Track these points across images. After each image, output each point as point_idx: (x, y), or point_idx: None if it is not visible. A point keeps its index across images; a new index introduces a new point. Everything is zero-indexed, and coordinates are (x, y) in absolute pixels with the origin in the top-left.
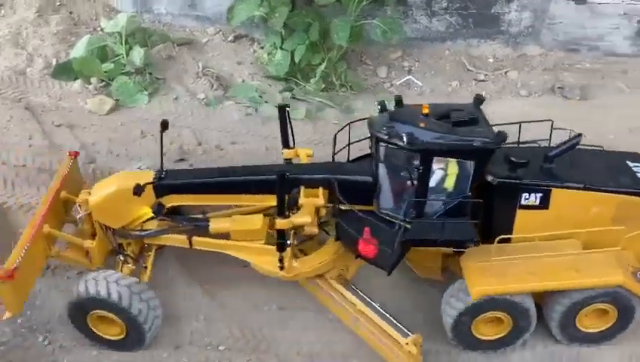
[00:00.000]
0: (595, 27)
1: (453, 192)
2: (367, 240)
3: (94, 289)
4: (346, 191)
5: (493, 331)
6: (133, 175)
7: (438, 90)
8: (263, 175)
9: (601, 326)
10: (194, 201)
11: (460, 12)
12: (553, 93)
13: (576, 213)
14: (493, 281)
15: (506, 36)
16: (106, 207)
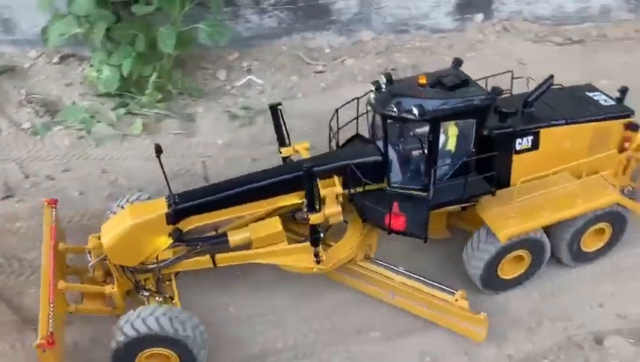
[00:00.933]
0: (418, 7)
1: (457, 153)
2: (397, 214)
3: (133, 330)
4: (354, 174)
5: (515, 269)
6: (144, 206)
7: (279, 86)
8: (284, 175)
9: (599, 244)
10: (213, 219)
11: (288, 7)
12: None
13: (561, 148)
14: (514, 223)
15: (339, 25)
16: (123, 246)
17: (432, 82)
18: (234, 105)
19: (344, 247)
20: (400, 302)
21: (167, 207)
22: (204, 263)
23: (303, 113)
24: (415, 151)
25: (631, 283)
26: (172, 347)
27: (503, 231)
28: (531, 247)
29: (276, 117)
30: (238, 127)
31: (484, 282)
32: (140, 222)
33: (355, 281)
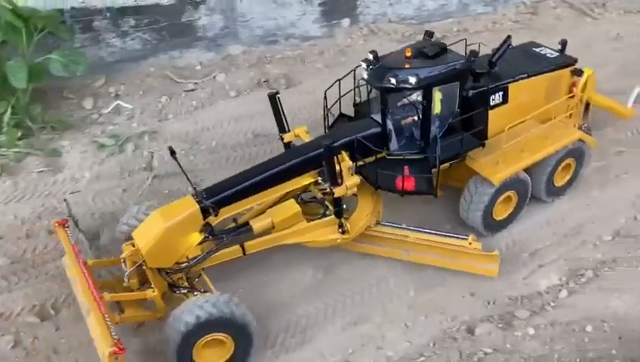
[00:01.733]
0: (284, 17)
1: (444, 115)
2: (407, 176)
3: (194, 318)
4: (360, 147)
5: (505, 210)
6: (172, 208)
7: (148, 109)
8: (304, 155)
9: (565, 178)
10: (241, 207)
11: (151, 27)
12: (260, 87)
13: (525, 100)
14: (503, 167)
15: (206, 41)
16: (159, 249)
17: (415, 53)
18: (102, 134)
19: (361, 216)
20: (414, 257)
21: (196, 204)
22: (234, 253)
23: (174, 135)
24: (407, 120)
25: (502, 267)
26: (228, 329)
27: (495, 176)
28: (517, 188)
29: (275, 106)
30: (107, 157)
31: (485, 225)
32: (172, 223)
33: (369, 247)
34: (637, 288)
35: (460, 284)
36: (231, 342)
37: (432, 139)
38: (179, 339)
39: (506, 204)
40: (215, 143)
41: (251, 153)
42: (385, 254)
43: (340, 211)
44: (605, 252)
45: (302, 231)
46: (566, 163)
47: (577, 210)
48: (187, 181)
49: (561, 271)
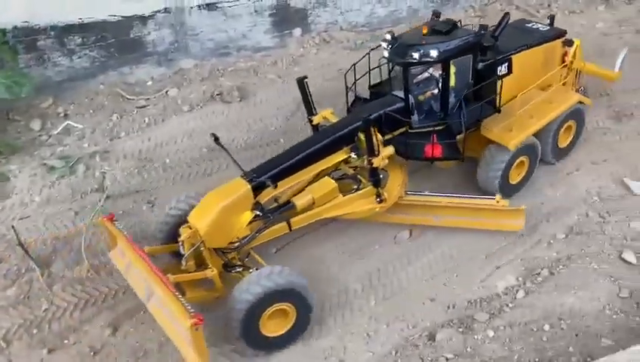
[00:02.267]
0: (235, 28)
1: (459, 87)
2: (435, 144)
3: (260, 289)
4: (388, 121)
5: (519, 174)
6: (224, 189)
7: (99, 128)
8: (340, 132)
9: (568, 140)
10: (286, 185)
11: (99, 44)
12: (214, 100)
13: (525, 70)
14: (516, 133)
15: (156, 56)
16: (216, 229)
17: (429, 31)
18: (51, 156)
19: (394, 186)
20: (444, 221)
21: (247, 184)
22: (281, 230)
23: (127, 153)
24: (425, 94)
25: (459, 270)
26: (291, 299)
27: (511, 142)
28: (529, 152)
29: (303, 90)
30: (57, 180)
31: (501, 190)
32: (228, 202)
33: (398, 217)
34: (591, 284)
35: (419, 291)
36: (293, 312)
37: (451, 109)
38: (247, 311)
39: (520, 168)
40: (169, 160)
41: (206, 168)
42: (416, 222)
43: (378, 181)
44: (560, 250)
45: (340, 204)
46: (567, 125)
47: (531, 209)
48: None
49: (517, 271)
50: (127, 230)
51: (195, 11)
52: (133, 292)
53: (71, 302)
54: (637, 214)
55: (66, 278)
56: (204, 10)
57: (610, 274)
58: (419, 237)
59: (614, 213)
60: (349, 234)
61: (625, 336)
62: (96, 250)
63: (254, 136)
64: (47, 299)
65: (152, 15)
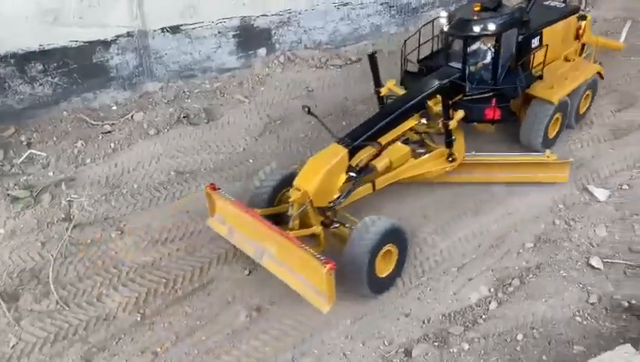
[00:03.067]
0: (200, 50)
1: (504, 57)
2: (494, 108)
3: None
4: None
5: (555, 129)
6: (324, 154)
7: (64, 155)
8: (413, 99)
9: (585, 107)
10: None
11: (60, 70)
12: (181, 123)
13: (552, 42)
14: (557, 90)
15: (120, 80)
16: (322, 190)
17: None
18: (15, 186)
19: (460, 148)
20: (499, 178)
21: (344, 149)
22: (367, 190)
23: (93, 180)
24: (476, 65)
25: (432, 284)
26: (396, 241)
27: (554, 97)
28: (563, 109)
29: (373, 64)
30: (22, 211)
31: (543, 143)
32: (331, 165)
33: (463, 176)
34: (561, 291)
35: (394, 307)
36: (396, 252)
37: (502, 76)
38: (370, 255)
39: (555, 124)
40: (137, 185)
41: (175, 192)
42: (478, 180)
43: (451, 142)
44: (529, 259)
45: (415, 166)
46: (587, 93)
47: (500, 220)
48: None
49: (489, 282)
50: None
51: (159, 34)
52: (105, 323)
53: (40, 336)
54: (601, 220)
55: (34, 312)
56: (168, 33)
57: (579, 281)
58: None
59: (580, 220)
60: None
61: (595, 342)
62: (65, 282)
63: (223, 158)
64: (15, 335)
65: (115, 39)
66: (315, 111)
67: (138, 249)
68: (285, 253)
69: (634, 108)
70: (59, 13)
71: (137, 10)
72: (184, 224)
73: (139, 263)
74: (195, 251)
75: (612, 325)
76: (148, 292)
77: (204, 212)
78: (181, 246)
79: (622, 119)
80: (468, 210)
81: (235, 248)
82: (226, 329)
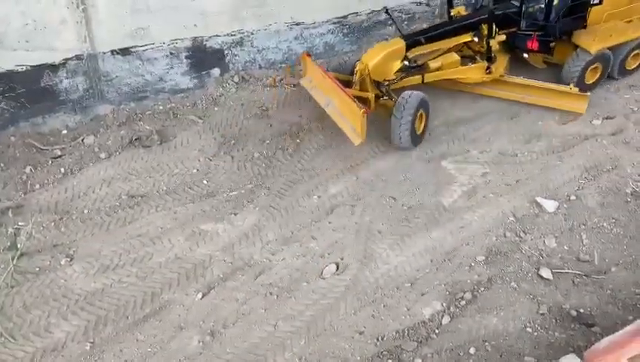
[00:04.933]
0: (152, 71)
1: (560, 5)
2: (535, 40)
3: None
4: (504, 19)
5: (593, 77)
6: (388, 43)
7: (12, 181)
8: (469, 20)
9: (635, 64)
10: (426, 49)
11: (7, 95)
12: (133, 146)
13: (614, 4)
14: (597, 41)
15: (70, 104)
16: (379, 66)
17: None
18: None
19: (499, 66)
20: (529, 99)
21: (403, 42)
22: (416, 80)
23: (42, 206)
24: (534, 7)
25: (386, 300)
26: (424, 107)
27: (593, 47)
28: (603, 60)
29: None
30: None
31: (577, 84)
32: (391, 49)
33: (499, 92)
34: (511, 303)
35: (348, 325)
36: (424, 116)
37: (552, 20)
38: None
39: (594, 72)
40: (87, 211)
41: (127, 216)
42: (509, 97)
43: (491, 57)
44: (481, 272)
45: (459, 70)
46: (636, 52)
47: (451, 234)
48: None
49: (442, 296)
50: None
51: (109, 57)
52: (53, 354)
53: None
54: (550, 231)
55: None
56: (118, 55)
57: (530, 292)
58: (344, 271)
59: (530, 232)
60: (274, 271)
61: (545, 352)
62: (10, 313)
63: (176, 180)
64: None
65: (63, 63)
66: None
67: (88, 276)
68: (341, 103)
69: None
70: (4, 37)
71: (86, 32)
72: (135, 249)
73: (89, 290)
74: (147, 276)
75: (561, 335)
76: (98, 321)
77: (157, 235)
78: (132, 271)
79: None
80: (421, 224)
81: (187, 272)
82: (179, 355)
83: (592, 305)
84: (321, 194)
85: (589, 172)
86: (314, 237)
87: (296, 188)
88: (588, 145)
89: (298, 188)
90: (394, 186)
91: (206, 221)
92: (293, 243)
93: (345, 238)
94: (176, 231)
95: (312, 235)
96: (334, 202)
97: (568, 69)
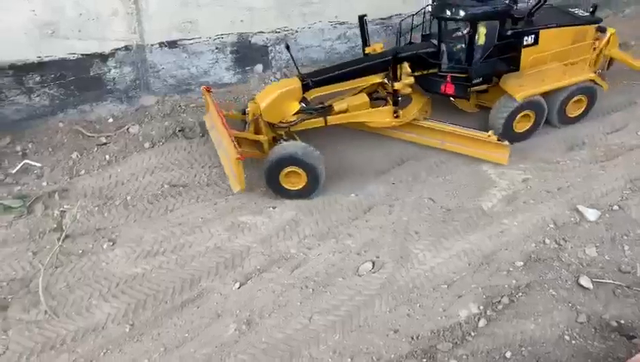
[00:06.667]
0: (197, 65)
1: (485, 45)
2: (449, 83)
3: (283, 152)
4: (418, 61)
5: (524, 126)
6: (284, 82)
7: (59, 166)
8: (378, 59)
9: (578, 112)
10: (327, 91)
11: (58, 82)
12: (176, 136)
13: (553, 44)
14: (526, 88)
15: (117, 93)
16: (271, 108)
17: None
18: (8, 195)
19: (411, 110)
20: (448, 146)
21: (299, 82)
22: (319, 123)
23: (87, 191)
24: (458, 47)
25: (422, 300)
26: (302, 165)
27: (519, 94)
28: (535, 108)
29: (362, 25)
30: (14, 220)
31: (504, 132)
32: (284, 90)
33: (414, 137)
34: (549, 310)
35: (383, 322)
36: (304, 175)
37: (475, 62)
38: (272, 165)
39: (526, 120)
40: (130, 197)
41: (168, 205)
42: (425, 143)
43: (397, 101)
44: (519, 278)
45: (366, 113)
46: (578, 98)
47: (490, 239)
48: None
49: (478, 299)
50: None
51: (157, 49)
52: (94, 334)
53: (28, 346)
54: (591, 240)
55: (22, 321)
56: (166, 47)
57: (568, 300)
58: (380, 269)
59: (570, 240)
60: (310, 265)
61: (583, 361)
62: (54, 292)
63: (216, 172)
64: (3, 344)
65: (113, 53)
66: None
67: (129, 260)
68: (228, 144)
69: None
70: (58, 26)
71: (136, 24)
72: (175, 237)
73: (129, 274)
74: (186, 264)
75: (601, 345)
76: (137, 304)
77: (197, 225)
78: (172, 258)
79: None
80: (460, 227)
81: (226, 261)
82: (215, 342)
83: (634, 317)
84: (358, 192)
85: (633, 183)
86: (350, 235)
87: (333, 184)
88: (633, 155)
89: (336, 184)
90: (432, 188)
91: (245, 213)
92: (330, 239)
93: (381, 237)
94: (216, 222)
95: (349, 232)
96: (372, 201)
97: (494, 115)
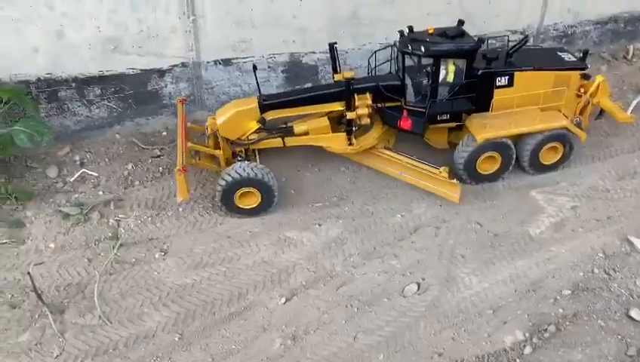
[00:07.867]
0: (249, 83)
1: (453, 83)
2: (406, 118)
3: (236, 174)
4: (380, 92)
5: (490, 167)
6: (243, 101)
7: (114, 176)
8: (334, 88)
9: (553, 160)
10: (286, 113)
11: (117, 95)
12: None
13: (530, 87)
14: (489, 130)
15: (172, 108)
16: (229, 125)
17: (440, 32)
18: (66, 203)
19: (368, 139)
20: (404, 177)
21: (257, 102)
22: (277, 143)
23: (140, 201)
24: (422, 81)
25: (467, 325)
26: (257, 186)
27: (480, 135)
28: (501, 150)
29: (332, 53)
30: (72, 227)
31: (469, 175)
32: (241, 109)
33: (375, 164)
34: (597, 341)
35: (427, 345)
36: (258, 195)
37: (441, 99)
38: (224, 185)
39: (491, 162)
40: (181, 209)
41: (218, 218)
42: (384, 171)
43: (350, 130)
44: (566, 306)
45: (324, 138)
46: (552, 145)
47: (537, 265)
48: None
49: (524, 326)
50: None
51: (211, 66)
52: (145, 341)
53: (82, 349)
54: None
55: (78, 325)
56: (220, 65)
57: (618, 332)
58: (425, 291)
59: (620, 270)
60: (355, 284)
61: None
62: (108, 298)
63: None
64: (59, 346)
65: (170, 69)
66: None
67: (180, 270)
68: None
69: None
70: (120, 42)
71: (193, 42)
72: (225, 249)
73: (180, 284)
74: (234, 276)
75: None
76: (187, 314)
77: (245, 238)
78: (221, 270)
79: None
80: (506, 253)
81: (272, 276)
82: (261, 356)
83: None
84: (404, 213)
85: None
86: (396, 255)
87: (379, 204)
88: None
89: (382, 205)
90: (479, 212)
91: (291, 229)
92: (375, 258)
93: (427, 259)
94: (263, 236)
95: (395, 253)
96: (418, 222)
97: (456, 154)
